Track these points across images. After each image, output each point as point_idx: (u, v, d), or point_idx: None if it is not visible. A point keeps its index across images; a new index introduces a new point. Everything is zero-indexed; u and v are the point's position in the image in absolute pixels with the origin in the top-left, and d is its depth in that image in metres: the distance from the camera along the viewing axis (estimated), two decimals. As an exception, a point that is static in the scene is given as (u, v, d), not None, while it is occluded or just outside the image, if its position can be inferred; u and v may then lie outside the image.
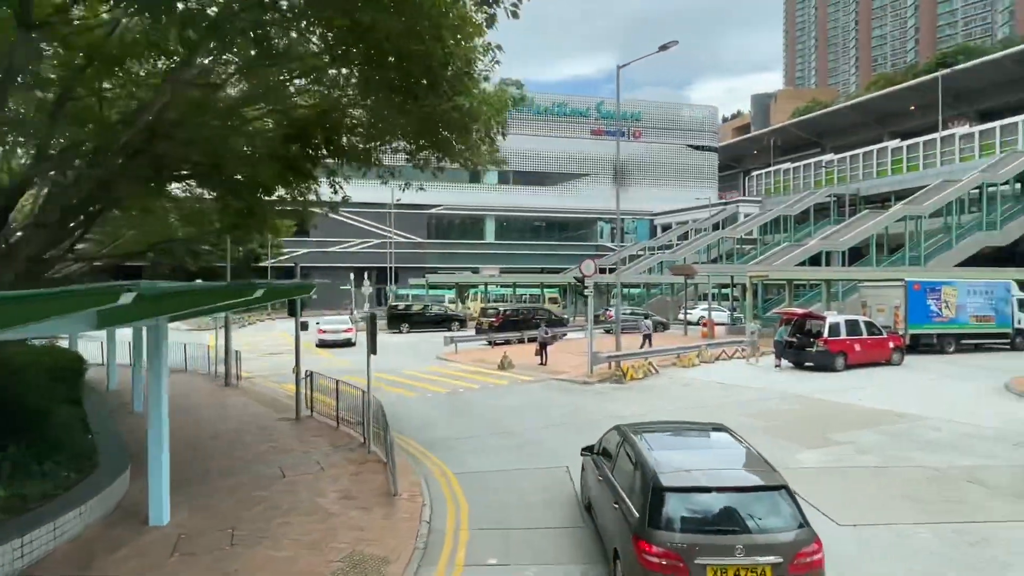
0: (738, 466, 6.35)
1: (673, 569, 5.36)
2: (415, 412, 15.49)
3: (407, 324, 37.13)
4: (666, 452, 6.56)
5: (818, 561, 5.49)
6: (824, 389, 17.22)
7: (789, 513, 5.68)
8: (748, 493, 5.84)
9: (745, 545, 5.38)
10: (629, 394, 17.09)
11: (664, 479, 5.84)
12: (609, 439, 7.77)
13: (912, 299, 24.42)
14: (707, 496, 5.78)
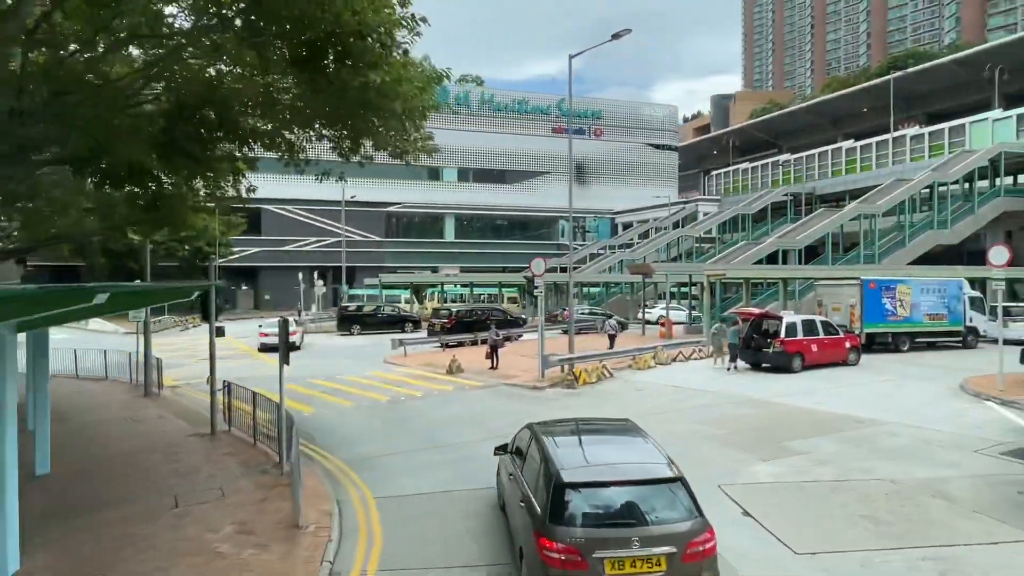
0: (638, 460, 6.46)
1: (572, 564, 5.48)
2: (348, 424, 14.25)
3: (358, 326, 35.63)
4: (571, 449, 6.76)
5: (710, 549, 5.72)
6: (781, 392, 16.60)
7: (684, 505, 5.88)
8: (646, 486, 5.98)
9: (641, 537, 5.55)
10: (579, 400, 16.16)
11: (566, 475, 5.95)
12: (521, 437, 7.79)
13: (868, 298, 24.17)
14: (607, 491, 5.93)
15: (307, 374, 21.64)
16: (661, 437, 12.59)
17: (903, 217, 37.59)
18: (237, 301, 66.36)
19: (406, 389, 18.40)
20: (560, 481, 5.90)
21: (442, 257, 69.97)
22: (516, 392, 17.64)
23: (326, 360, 25.55)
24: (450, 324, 28.63)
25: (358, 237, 67.10)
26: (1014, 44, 55.42)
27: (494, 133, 72.33)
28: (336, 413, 15.47)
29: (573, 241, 74.46)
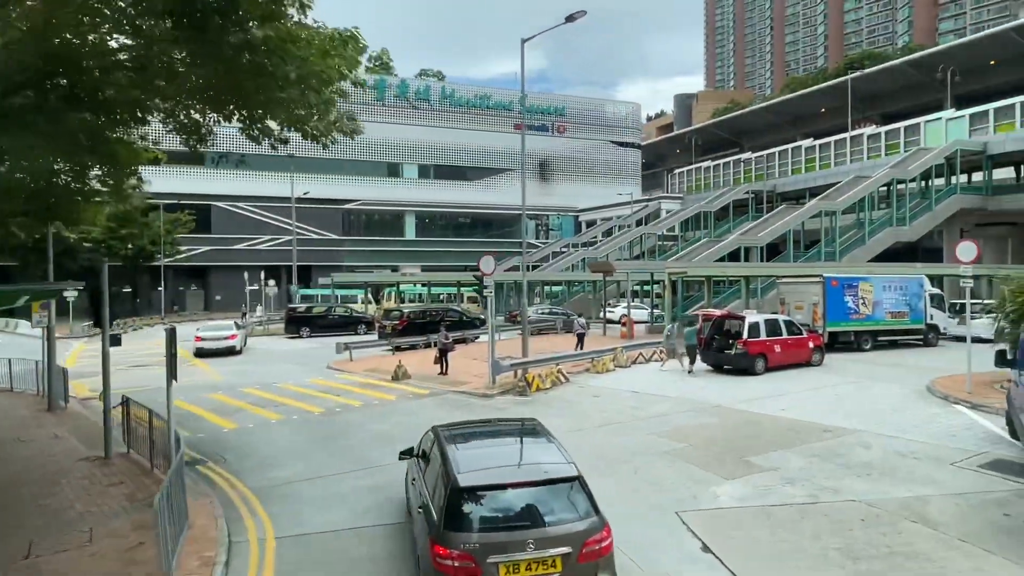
0: (538, 461, 6.33)
1: (466, 571, 5.39)
2: (270, 442, 12.71)
3: (307, 328, 33.77)
4: (471, 451, 6.60)
5: (606, 548, 5.69)
6: (744, 398, 15.64)
7: (581, 504, 5.82)
8: (544, 487, 5.88)
9: (536, 539, 5.49)
10: (530, 409, 14.90)
11: (462, 479, 5.81)
12: (426, 440, 7.53)
13: (830, 296, 23.54)
14: (504, 493, 5.85)
15: (241, 382, 19.98)
16: (616, 452, 11.55)
17: (863, 215, 37.49)
18: (186, 303, 63.44)
19: (345, 398, 16.90)
20: (456, 485, 5.76)
21: (403, 256, 68.14)
22: (464, 401, 16.31)
23: (265, 366, 23.82)
24: (401, 326, 27.09)
25: (314, 235, 64.86)
26: (965, 47, 56.55)
27: (455, 129, 70.74)
28: (261, 428, 13.90)
29: (537, 239, 73.98)
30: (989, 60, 54.97)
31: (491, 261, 16.84)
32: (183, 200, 58.71)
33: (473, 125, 71.59)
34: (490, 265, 16.84)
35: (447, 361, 19.94)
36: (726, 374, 19.09)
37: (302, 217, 63.01)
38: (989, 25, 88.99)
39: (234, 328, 27.48)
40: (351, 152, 66.67)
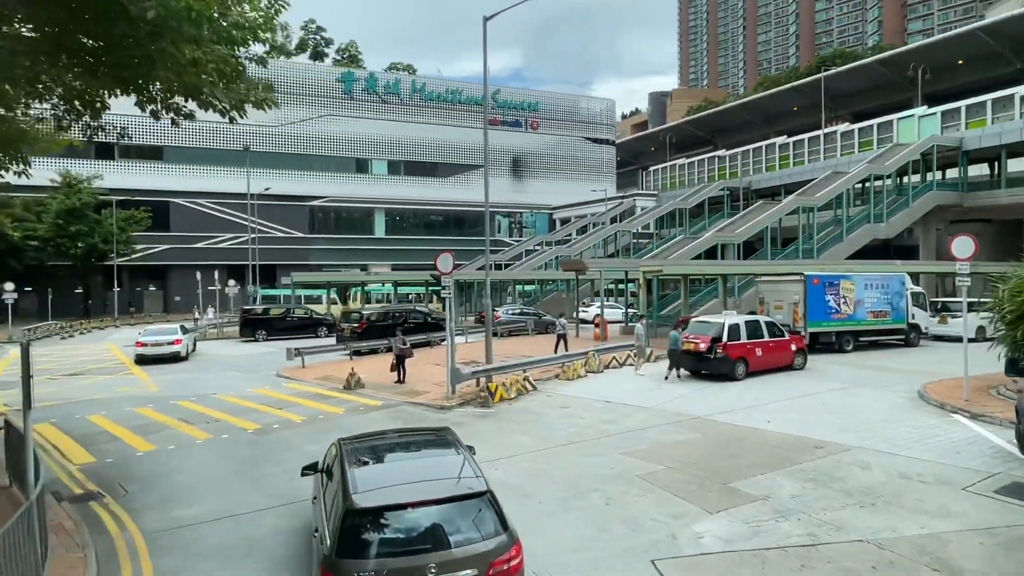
0: (444, 476, 5.86)
1: None
2: (186, 468, 11.00)
3: (264, 331, 31.80)
4: (372, 467, 6.17)
5: (516, 566, 5.31)
6: (725, 407, 14.34)
7: (490, 521, 5.38)
8: (448, 504, 5.42)
9: (439, 563, 5.03)
10: (490, 424, 13.42)
11: (357, 499, 5.33)
12: (329, 454, 6.89)
13: (811, 295, 22.48)
14: (404, 513, 5.35)
15: (177, 393, 18.14)
16: (585, 477, 9.94)
17: (840, 211, 36.75)
18: (143, 304, 60.59)
19: (287, 412, 15.20)
20: (351, 507, 5.26)
21: (372, 254, 66.10)
22: (418, 414, 14.73)
23: (210, 374, 21.93)
24: (360, 329, 25.34)
25: (280, 233, 62.53)
26: (935, 46, 56.69)
27: (426, 124, 68.86)
28: (182, 450, 12.16)
29: (510, 237, 72.49)
30: (958, 59, 55.20)
31: (449, 259, 15.28)
32: (139, 197, 56.03)
33: (444, 120, 69.78)
34: (448, 263, 15.29)
35: (404, 368, 18.33)
36: (704, 379, 17.83)
37: (267, 215, 60.70)
38: (956, 26, 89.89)
39: (179, 332, 25.46)
40: (318, 147, 64.52)
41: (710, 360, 17.55)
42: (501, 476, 9.86)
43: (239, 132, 59.91)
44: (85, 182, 50.31)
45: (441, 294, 15.74)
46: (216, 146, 59.94)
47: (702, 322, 18.08)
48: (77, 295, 54.49)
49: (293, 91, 63.07)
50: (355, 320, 25.92)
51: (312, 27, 75.28)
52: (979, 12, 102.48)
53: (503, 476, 9.86)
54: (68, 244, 49.02)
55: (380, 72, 69.67)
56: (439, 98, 69.47)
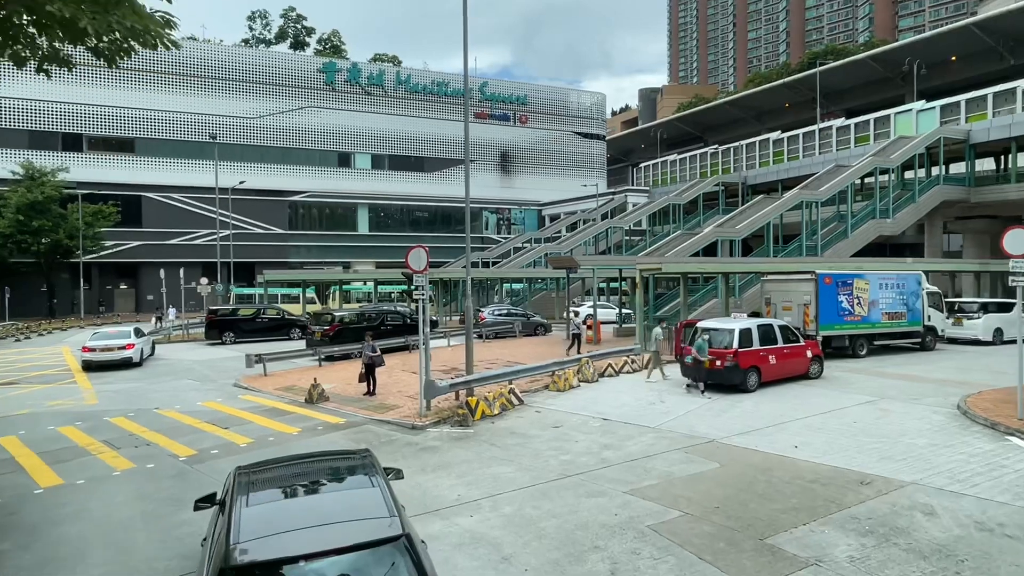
0: (352, 516, 4.72)
1: None
2: (87, 513, 8.85)
3: (232, 333, 29.53)
4: (264, 505, 4.97)
5: None
6: (741, 427, 12.38)
7: (404, 570, 4.24)
8: (353, 553, 4.30)
9: None
10: (468, 450, 11.37)
11: (237, 552, 4.24)
12: (227, 485, 5.68)
13: (823, 295, 20.63)
14: (296, 568, 4.19)
15: (115, 407, 15.95)
16: (583, 530, 7.40)
17: (843, 207, 35.04)
18: (114, 302, 57.87)
19: (233, 433, 13.06)
20: (228, 563, 4.16)
21: (355, 252, 63.70)
22: (385, 435, 12.64)
23: (160, 383, 19.70)
24: (331, 332, 23.15)
25: (258, 230, 60.03)
26: (928, 42, 55.50)
27: (411, 117, 66.56)
28: (92, 485, 10.02)
29: (498, 234, 70.41)
30: (950, 55, 54.04)
31: (422, 255, 13.19)
32: (110, 191, 53.38)
33: (431, 113, 67.52)
34: (421, 260, 13.19)
35: (375, 379, 16.23)
36: (711, 390, 15.89)
37: (244, 210, 58.25)
38: (947, 22, 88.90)
39: (132, 336, 23.16)
40: (298, 141, 62.11)
41: (718, 369, 15.60)
42: (476, 526, 7.83)
43: (216, 124, 57.41)
44: (49, 175, 47.60)
45: (413, 295, 13.62)
46: (191, 138, 57.32)
47: (714, 329, 16.11)
48: (43, 294, 51.72)
49: (272, 81, 60.63)
50: (327, 322, 23.71)
51: (292, 15, 72.61)
52: (971, 9, 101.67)
53: (478, 526, 7.83)
54: (30, 240, 46.29)
55: (363, 63, 67.25)
56: (425, 90, 67.18)
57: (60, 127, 54.13)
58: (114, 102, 55.24)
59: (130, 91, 55.74)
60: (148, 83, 56.33)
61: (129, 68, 55.59)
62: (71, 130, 54.60)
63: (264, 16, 71.92)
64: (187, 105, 57.53)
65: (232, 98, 59.44)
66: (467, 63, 17.41)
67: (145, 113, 56.36)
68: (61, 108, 53.81)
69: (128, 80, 55.62)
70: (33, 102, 52.93)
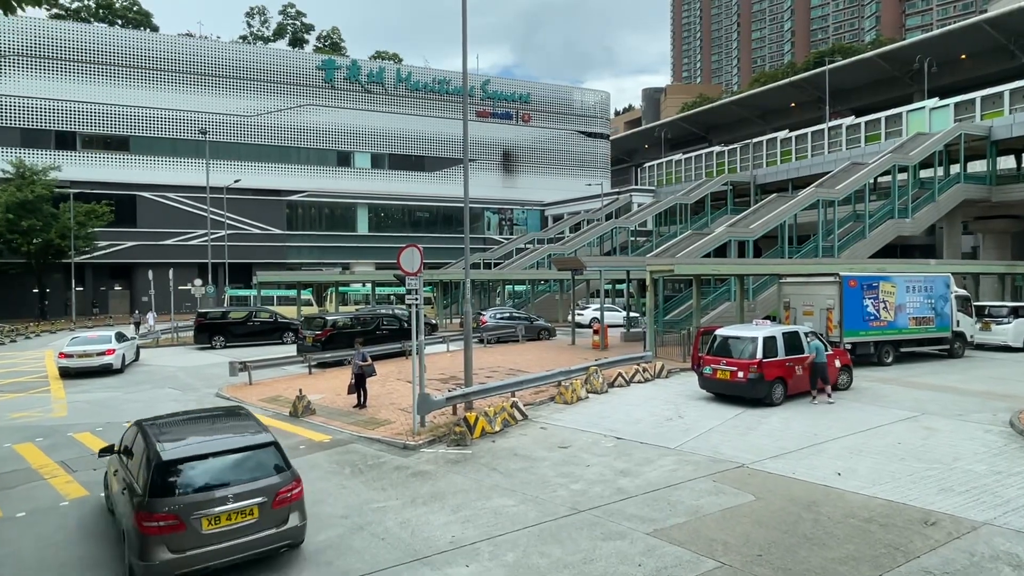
0: (237, 434, 7.35)
1: (171, 528, 6.23)
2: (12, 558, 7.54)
3: (222, 337, 28.25)
4: (171, 434, 7.30)
5: (296, 495, 6.93)
6: (772, 449, 11.05)
7: (275, 463, 6.97)
8: (240, 453, 6.91)
9: (235, 494, 6.53)
10: (466, 477, 10.03)
11: (165, 454, 6.61)
12: (128, 436, 7.92)
13: (848, 299, 19.30)
14: (204, 462, 6.70)
15: (85, 421, 14.70)
16: None
17: (860, 206, 33.67)
18: (108, 304, 56.67)
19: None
20: (160, 460, 6.51)
21: (354, 252, 62.43)
22: (373, 456, 11.31)
23: (141, 393, 18.39)
24: (324, 337, 21.82)
25: (256, 230, 58.76)
26: (938, 39, 54.19)
27: (412, 115, 65.26)
28: (32, 518, 8.69)
29: (500, 235, 69.10)
30: (960, 53, 52.78)
31: (415, 255, 11.86)
32: (104, 190, 52.21)
33: (432, 112, 66.22)
34: (414, 261, 11.87)
35: (365, 390, 14.92)
36: (730, 402, 14.56)
37: (241, 210, 57.05)
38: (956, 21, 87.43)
39: (112, 341, 21.86)
40: (297, 139, 60.91)
41: (740, 382, 14.26)
42: (473, 585, 6.51)
43: (213, 122, 56.26)
44: (40, 173, 46.40)
45: (406, 299, 12.29)
46: (187, 136, 56.09)
47: (734, 337, 14.77)
48: (35, 295, 50.54)
49: (270, 79, 59.43)
50: (319, 327, 22.37)
51: (291, 12, 71.39)
52: (979, 7, 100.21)
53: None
54: (20, 240, 45.09)
55: (363, 60, 65.97)
56: (426, 88, 65.90)
57: (53, 125, 52.98)
58: (108, 99, 54.08)
59: (125, 88, 54.59)
60: (143, 80, 55.19)
61: (124, 65, 54.47)
62: (64, 128, 53.45)
63: (262, 13, 70.76)
64: (183, 103, 56.38)
65: (229, 96, 58.27)
66: (466, 58, 16.10)
67: (140, 111, 55.20)
68: (54, 105, 52.68)
69: (123, 77, 54.50)
70: (26, 99, 51.82)
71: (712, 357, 14.86)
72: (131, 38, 56.21)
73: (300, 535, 6.98)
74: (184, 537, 6.22)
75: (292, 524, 6.82)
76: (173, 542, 6.20)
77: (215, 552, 6.37)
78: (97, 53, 53.91)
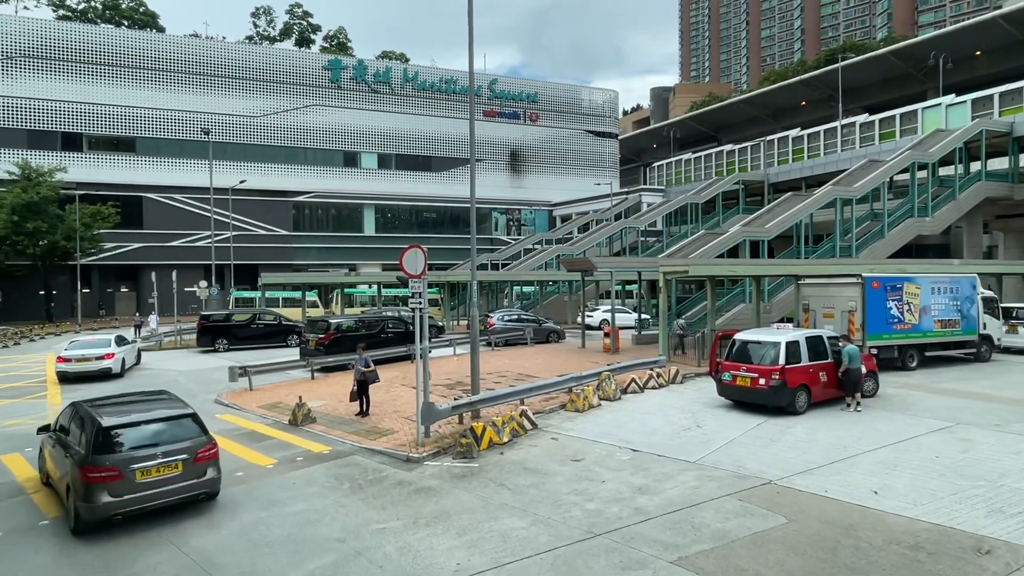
0: (164, 408, 9.24)
1: (112, 478, 7.95)
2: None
3: (225, 340, 27.73)
4: (111, 409, 9.04)
5: (213, 454, 8.81)
6: (799, 463, 10.32)
7: (195, 429, 8.84)
8: (167, 422, 8.80)
9: (164, 451, 8.38)
10: (472, 494, 9.37)
11: (104, 421, 8.40)
12: (65, 415, 9.55)
13: (871, 300, 18.51)
14: (137, 428, 8.57)
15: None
16: None
17: (877, 204, 32.76)
18: (115, 306, 56.44)
19: (198, 465, 11.14)
20: (100, 426, 8.30)
21: (361, 253, 61.95)
22: (374, 470, 10.66)
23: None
24: (327, 340, 21.21)
25: (261, 231, 58.38)
26: (952, 35, 53.11)
27: (419, 115, 64.72)
28: (2, 546, 8.13)
29: (508, 235, 68.46)
30: (975, 50, 51.61)
31: (419, 256, 11.22)
32: (110, 191, 51.96)
33: (438, 112, 65.65)
34: (417, 262, 11.23)
35: (368, 397, 14.30)
36: (749, 410, 13.84)
37: (247, 211, 56.71)
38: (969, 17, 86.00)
39: (112, 345, 21.37)
40: (303, 140, 60.52)
41: (761, 389, 13.53)
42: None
43: (218, 123, 55.97)
44: (46, 175, 46.16)
45: (409, 303, 11.64)
46: (193, 137, 55.76)
47: (755, 342, 14.04)
48: (41, 297, 50.32)
49: (276, 79, 59.09)
50: (322, 330, 21.77)
51: (298, 11, 71.03)
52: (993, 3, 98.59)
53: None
54: (26, 242, 44.83)
55: (370, 59, 65.51)
56: (433, 88, 65.35)
57: (59, 126, 52.81)
58: (115, 100, 53.87)
59: (131, 89, 54.37)
60: (149, 81, 54.95)
61: (130, 66, 54.25)
62: (71, 129, 53.26)
63: (269, 13, 70.48)
64: (189, 103, 56.10)
65: (235, 96, 57.96)
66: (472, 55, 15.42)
67: (146, 112, 54.97)
68: (60, 107, 52.53)
69: (129, 78, 54.29)
70: (32, 100, 51.68)
71: (731, 363, 14.15)
72: (137, 39, 56.01)
73: (216, 486, 8.85)
74: (122, 485, 7.97)
75: (209, 476, 8.69)
76: (113, 489, 7.92)
77: (147, 496, 8.17)
78: (103, 54, 53.73)
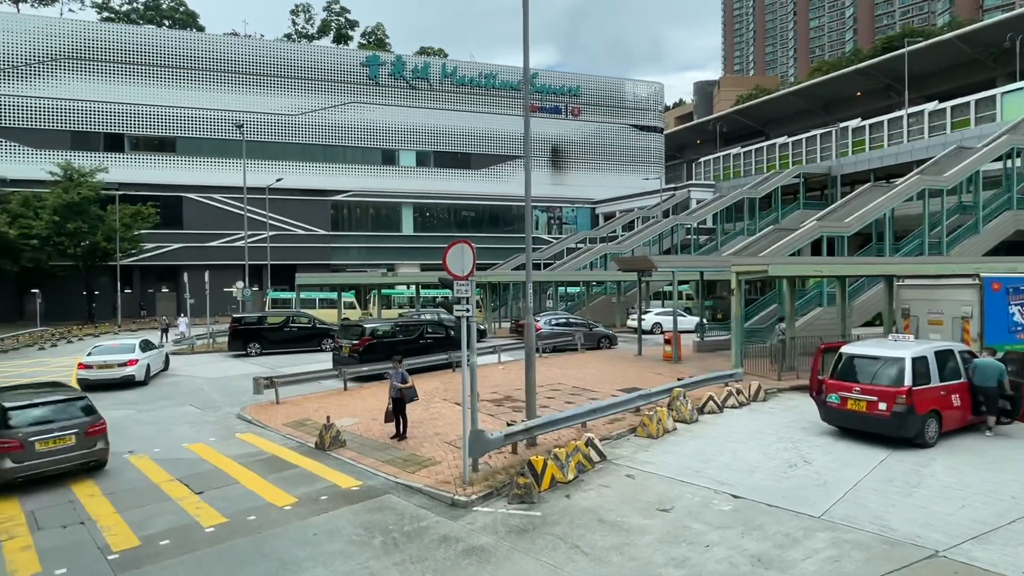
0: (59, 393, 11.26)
1: (14, 448, 9.76)
2: None
3: (257, 344, 26.33)
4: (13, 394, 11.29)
5: (101, 429, 10.74)
6: (964, 520, 7.88)
7: (87, 409, 10.86)
8: (63, 404, 10.73)
9: (59, 427, 10.24)
10: (538, 559, 7.24)
11: (6, 403, 10.37)
12: None
13: (990, 305, 15.72)
14: (36, 409, 10.44)
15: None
16: None
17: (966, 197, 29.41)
18: (156, 306, 56.37)
19: (204, 504, 9.31)
20: (3, 407, 10.24)
21: (399, 253, 60.65)
22: (412, 516, 8.63)
23: (157, 411, 16.33)
24: (361, 347, 19.39)
25: (300, 231, 57.58)
26: (1026, 17, 48.25)
27: (458, 112, 63.04)
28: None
29: (549, 234, 66.27)
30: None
31: (466, 253, 9.19)
32: (151, 192, 51.79)
33: (478, 107, 63.87)
34: (464, 261, 9.19)
35: (405, 417, 12.33)
36: (863, 440, 11.36)
37: (286, 210, 55.95)
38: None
39: (136, 350, 20.01)
40: (341, 138, 59.51)
41: (881, 416, 11.05)
42: None
43: (257, 121, 55.37)
44: (87, 175, 46.04)
45: (454, 309, 9.60)
46: (232, 137, 55.24)
47: (870, 357, 11.55)
48: (83, 298, 50.41)
49: (314, 76, 58.23)
50: (356, 335, 19.98)
51: (335, 8, 70.21)
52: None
53: None
54: (67, 243, 44.72)
55: (408, 55, 64.14)
56: (472, 83, 63.55)
57: (102, 127, 52.90)
58: (156, 100, 53.76)
59: (172, 89, 54.18)
60: (190, 81, 54.68)
61: (171, 66, 54.06)
62: (113, 130, 53.32)
63: (307, 10, 69.87)
64: (229, 102, 55.65)
65: (274, 95, 57.32)
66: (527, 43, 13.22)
67: (187, 112, 54.72)
68: (103, 108, 52.61)
69: (170, 78, 54.11)
70: (75, 102, 51.87)
71: (839, 381, 11.69)
72: (178, 39, 55.82)
73: (104, 455, 10.82)
74: (24, 454, 9.78)
75: (98, 447, 10.63)
76: (15, 457, 9.73)
77: (45, 463, 10.01)
78: (144, 54, 53.64)
